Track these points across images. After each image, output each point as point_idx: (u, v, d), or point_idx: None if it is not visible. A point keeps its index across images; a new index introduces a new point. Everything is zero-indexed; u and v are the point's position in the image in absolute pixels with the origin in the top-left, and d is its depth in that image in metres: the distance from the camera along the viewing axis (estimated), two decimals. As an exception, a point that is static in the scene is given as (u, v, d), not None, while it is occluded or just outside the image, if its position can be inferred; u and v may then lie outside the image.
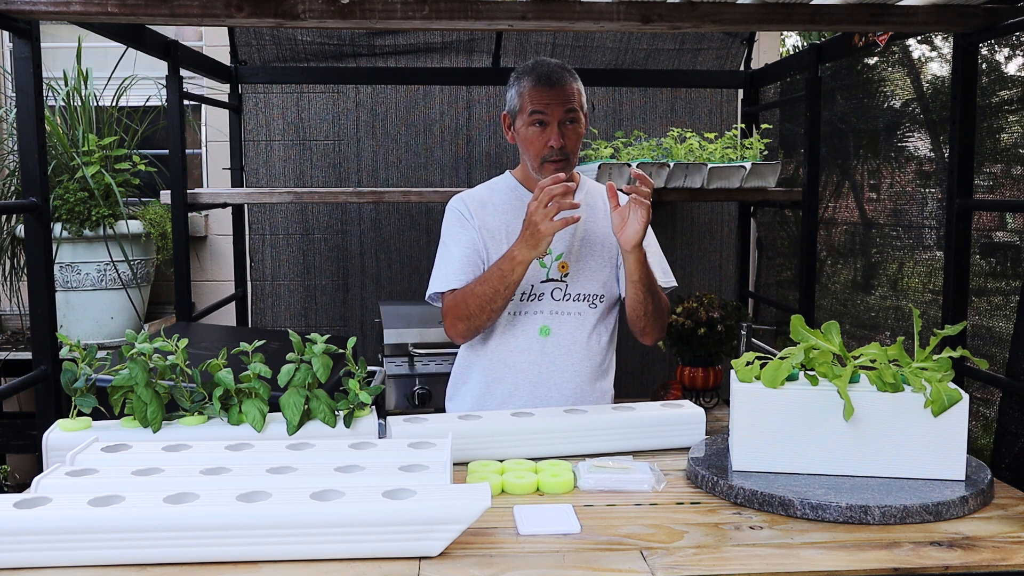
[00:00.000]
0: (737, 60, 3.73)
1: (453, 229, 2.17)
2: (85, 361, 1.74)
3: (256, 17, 2.00)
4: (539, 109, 2.06)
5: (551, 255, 2.14)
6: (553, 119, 2.06)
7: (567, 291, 2.14)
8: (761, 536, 1.44)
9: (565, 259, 2.14)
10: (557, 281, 2.14)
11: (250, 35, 3.48)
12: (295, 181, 3.64)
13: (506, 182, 2.23)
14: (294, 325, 3.69)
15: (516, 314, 2.14)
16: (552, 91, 2.06)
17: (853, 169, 3.40)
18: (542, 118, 2.06)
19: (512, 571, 1.31)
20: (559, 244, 2.13)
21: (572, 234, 2.15)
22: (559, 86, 2.06)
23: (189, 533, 1.31)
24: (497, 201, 2.18)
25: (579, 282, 2.15)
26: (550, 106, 2.05)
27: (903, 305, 3.06)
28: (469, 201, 2.19)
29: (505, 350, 2.15)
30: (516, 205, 2.15)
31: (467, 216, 2.16)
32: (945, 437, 1.60)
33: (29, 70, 2.07)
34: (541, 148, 2.08)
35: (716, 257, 3.82)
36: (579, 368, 2.15)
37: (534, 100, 2.06)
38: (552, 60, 2.14)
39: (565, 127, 2.07)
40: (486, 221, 2.15)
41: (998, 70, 2.83)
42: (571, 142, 2.08)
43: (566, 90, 2.07)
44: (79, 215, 3.64)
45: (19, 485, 4.20)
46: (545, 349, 2.13)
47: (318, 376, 1.72)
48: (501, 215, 2.16)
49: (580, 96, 2.10)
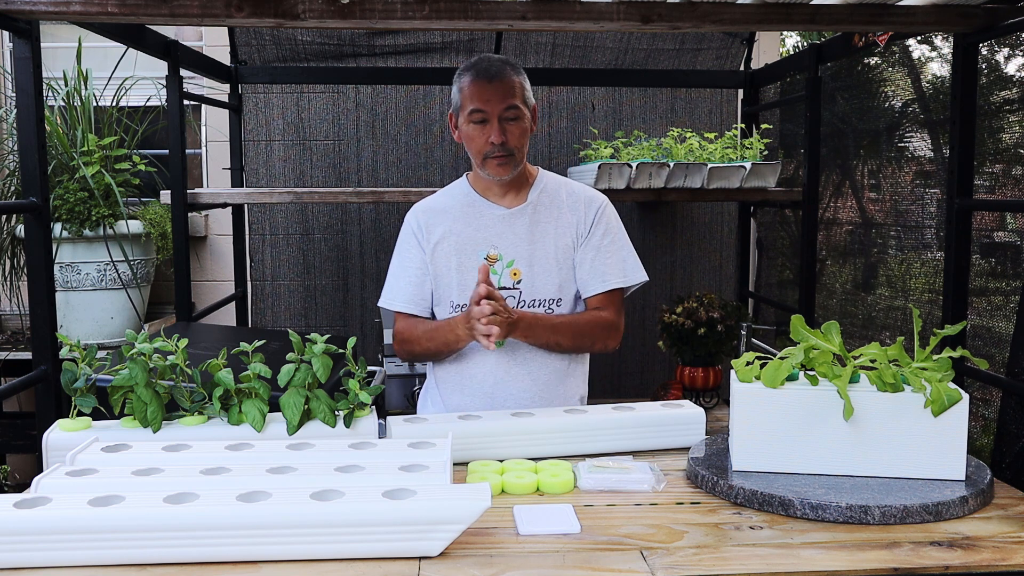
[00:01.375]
0: (737, 60, 3.73)
1: (404, 246, 2.18)
2: (85, 361, 1.74)
3: (256, 17, 2.00)
4: (478, 107, 2.02)
5: (502, 260, 2.10)
6: (493, 115, 2.02)
7: (521, 298, 2.10)
8: (761, 536, 1.44)
9: (516, 265, 2.10)
10: (510, 289, 2.10)
11: (250, 35, 3.48)
12: (295, 181, 3.64)
13: (460, 188, 2.20)
14: (294, 325, 3.69)
15: None
16: (491, 86, 2.02)
17: (853, 169, 3.39)
18: (481, 116, 2.03)
19: (512, 571, 1.31)
20: (510, 249, 2.11)
21: (523, 237, 2.11)
22: (497, 80, 2.02)
23: (189, 533, 1.31)
24: (450, 208, 2.16)
25: (533, 287, 2.10)
26: (489, 102, 2.02)
27: (903, 305, 3.05)
28: (421, 215, 2.18)
29: (462, 362, 2.13)
30: (467, 212, 2.14)
31: (418, 233, 2.16)
32: (945, 437, 1.60)
33: (29, 70, 2.07)
34: (483, 145, 2.04)
35: (716, 257, 3.82)
36: (537, 375, 2.11)
37: (473, 97, 2.03)
38: (494, 56, 2.11)
39: (506, 123, 2.03)
40: (435, 234, 2.13)
41: (998, 70, 2.83)
42: (514, 137, 2.04)
43: (504, 84, 2.03)
44: (79, 215, 3.64)
45: (19, 485, 4.20)
46: (500, 359, 2.09)
47: (318, 376, 1.72)
48: (452, 223, 2.14)
49: (522, 91, 2.06)
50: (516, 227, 2.12)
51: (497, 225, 2.13)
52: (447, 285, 2.13)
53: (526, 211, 2.13)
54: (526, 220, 2.12)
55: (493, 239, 2.12)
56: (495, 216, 2.13)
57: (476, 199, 2.15)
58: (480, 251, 2.12)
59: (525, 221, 2.12)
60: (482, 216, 2.14)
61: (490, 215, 2.13)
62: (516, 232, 2.12)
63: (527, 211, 2.13)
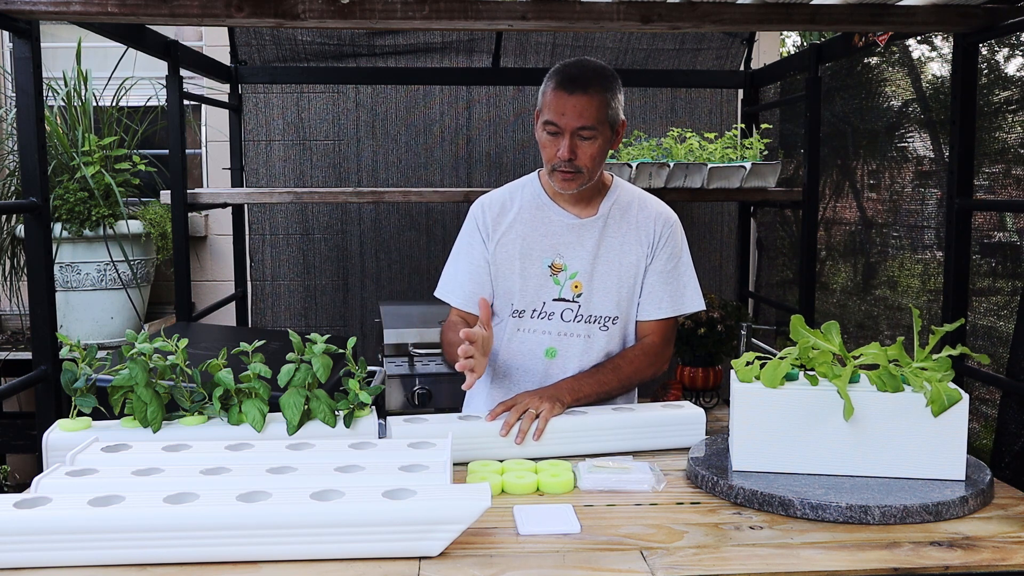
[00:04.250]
0: (737, 60, 3.73)
1: (466, 238, 2.11)
2: (85, 361, 1.74)
3: (256, 17, 2.00)
4: (551, 119, 1.93)
5: (565, 271, 2.05)
6: (566, 130, 1.92)
7: (579, 312, 2.04)
8: (761, 536, 1.44)
9: (579, 278, 2.04)
10: (569, 301, 2.04)
11: (250, 35, 3.48)
12: (295, 181, 3.65)
13: (532, 187, 2.11)
14: (294, 325, 3.69)
15: (523, 331, 2.07)
16: (570, 99, 1.91)
17: (853, 169, 3.40)
18: (554, 129, 1.94)
19: (512, 571, 1.31)
20: (575, 261, 2.04)
21: (590, 250, 2.04)
22: (579, 94, 1.90)
23: (189, 533, 1.31)
24: (518, 207, 2.09)
25: (592, 303, 2.04)
26: (564, 116, 1.91)
27: (903, 305, 3.06)
28: (489, 209, 2.10)
29: (510, 367, 2.09)
30: (536, 215, 2.07)
31: (482, 229, 2.09)
32: (945, 437, 1.60)
33: (29, 70, 2.07)
34: (551, 156, 1.96)
35: (716, 257, 3.82)
36: None
37: (550, 106, 1.93)
38: (589, 63, 1.97)
39: (579, 140, 1.94)
40: (502, 233, 2.07)
41: (998, 70, 2.83)
42: (584, 156, 1.94)
43: (584, 100, 1.91)
44: (79, 215, 3.64)
45: (19, 485, 4.20)
46: (549, 371, 2.05)
47: (318, 376, 1.72)
48: (519, 225, 2.07)
49: (604, 108, 1.93)
50: (584, 239, 2.05)
51: (566, 234, 2.05)
52: (508, 289, 2.07)
53: (596, 223, 2.05)
54: (595, 233, 2.04)
55: (560, 248, 2.05)
56: (564, 224, 2.05)
57: (546, 202, 2.08)
58: (545, 258, 2.05)
59: (594, 234, 2.04)
60: (551, 222, 2.06)
61: (559, 222, 2.06)
62: (583, 244, 2.04)
63: (597, 224, 2.05)
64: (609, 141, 1.99)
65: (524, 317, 2.06)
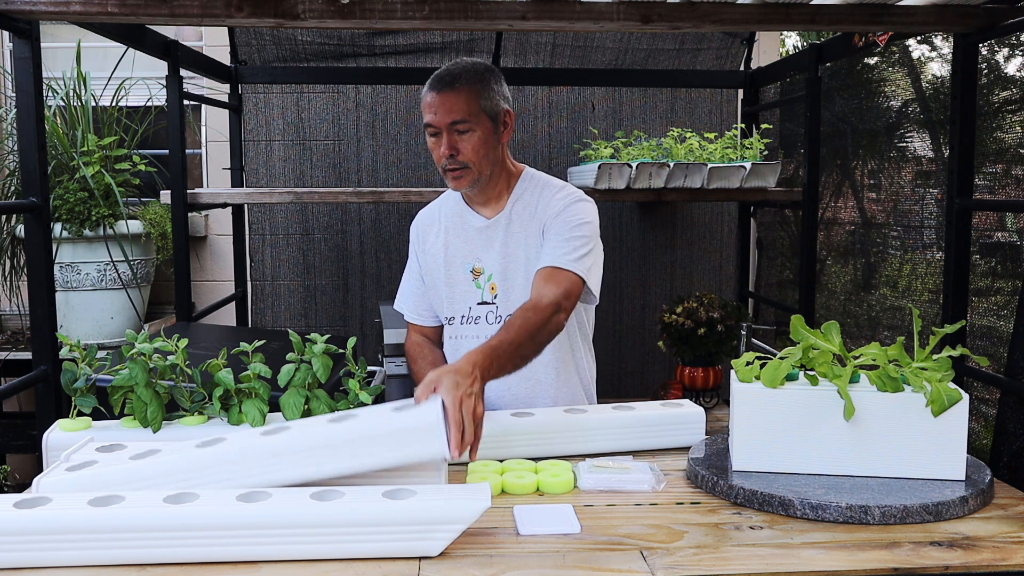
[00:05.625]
0: (737, 60, 3.73)
1: (410, 254, 2.22)
2: (85, 361, 1.74)
3: (256, 17, 2.00)
4: (428, 120, 1.95)
5: (484, 274, 2.07)
6: (442, 128, 1.94)
7: (498, 312, 2.05)
8: (761, 536, 1.44)
9: (495, 279, 2.06)
10: (490, 304, 2.07)
11: (250, 35, 3.48)
12: (295, 181, 3.64)
13: (456, 195, 2.14)
14: (294, 325, 3.69)
15: (455, 338, 2.11)
16: (439, 97, 1.93)
17: (853, 169, 3.40)
18: (432, 130, 1.96)
19: (512, 571, 1.31)
20: (489, 263, 2.06)
21: (498, 250, 2.05)
22: (447, 91, 1.93)
23: (189, 533, 1.31)
24: (441, 218, 2.15)
25: (509, 302, 2.03)
26: (436, 115, 1.93)
27: (903, 305, 3.05)
28: (419, 223, 2.20)
29: None
30: (455, 222, 2.11)
31: (415, 243, 2.19)
32: (945, 437, 1.60)
33: (29, 70, 2.07)
34: (438, 158, 1.97)
35: (716, 257, 3.82)
36: (516, 391, 2.07)
37: (425, 109, 1.96)
38: (462, 61, 2.00)
39: (457, 136, 1.94)
40: (429, 245, 2.15)
41: (998, 70, 2.83)
42: (467, 150, 1.94)
43: (452, 96, 1.92)
44: (79, 215, 3.64)
45: (19, 485, 4.20)
46: None
47: (318, 376, 1.72)
48: (443, 235, 2.12)
49: (475, 100, 1.94)
50: (492, 239, 2.07)
51: (478, 237, 2.08)
52: (437, 298, 2.13)
53: (501, 222, 2.06)
54: (501, 232, 2.06)
55: (477, 251, 2.08)
56: (475, 228, 2.09)
57: (463, 209, 2.11)
58: (467, 263, 2.09)
59: (500, 233, 2.06)
60: (466, 227, 2.10)
61: (472, 226, 2.09)
62: (493, 245, 2.06)
63: (502, 222, 2.06)
64: (492, 132, 1.98)
65: (455, 324, 2.11)
